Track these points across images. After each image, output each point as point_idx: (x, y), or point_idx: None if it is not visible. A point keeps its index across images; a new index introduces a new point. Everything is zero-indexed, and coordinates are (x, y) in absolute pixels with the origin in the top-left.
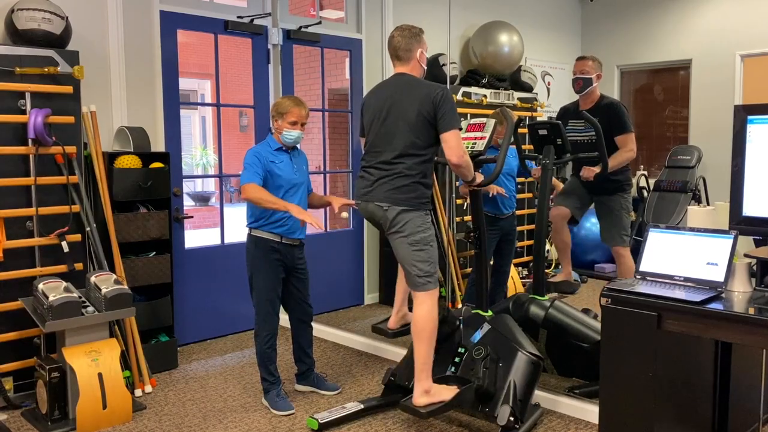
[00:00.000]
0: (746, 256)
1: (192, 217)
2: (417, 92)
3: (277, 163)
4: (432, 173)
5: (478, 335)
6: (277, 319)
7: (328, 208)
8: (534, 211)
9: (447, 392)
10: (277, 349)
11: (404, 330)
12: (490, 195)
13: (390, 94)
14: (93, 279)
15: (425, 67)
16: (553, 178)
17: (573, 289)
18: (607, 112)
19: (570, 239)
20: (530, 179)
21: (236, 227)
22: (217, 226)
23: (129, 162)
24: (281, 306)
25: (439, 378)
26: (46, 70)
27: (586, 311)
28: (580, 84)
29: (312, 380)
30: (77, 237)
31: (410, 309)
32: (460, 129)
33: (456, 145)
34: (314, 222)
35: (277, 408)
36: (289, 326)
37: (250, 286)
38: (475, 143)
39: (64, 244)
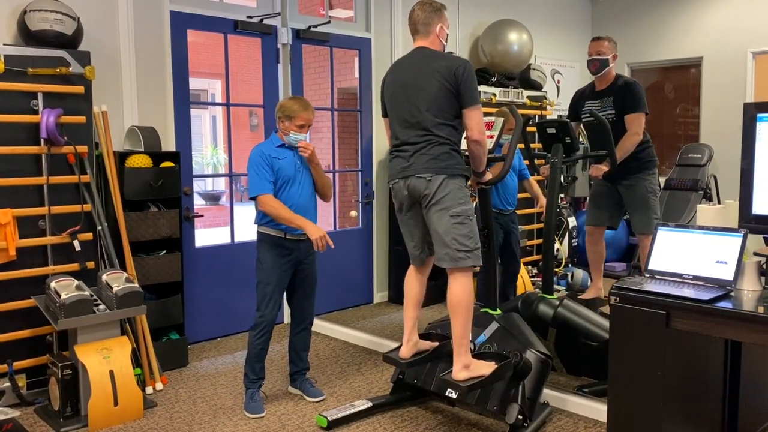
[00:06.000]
0: (756, 254)
1: (202, 216)
2: (439, 65)
3: (281, 159)
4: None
5: (482, 338)
6: (275, 315)
7: (337, 209)
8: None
9: (486, 368)
10: (267, 348)
11: (419, 359)
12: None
13: (411, 68)
14: (104, 277)
15: (445, 43)
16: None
17: (603, 305)
18: (622, 91)
19: (604, 252)
20: (540, 177)
21: (246, 226)
22: (227, 225)
23: (140, 161)
24: (288, 303)
25: (476, 354)
26: (58, 70)
27: (595, 310)
28: (597, 65)
29: (299, 384)
30: (89, 236)
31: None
32: (481, 105)
33: (479, 121)
34: (329, 241)
35: (247, 409)
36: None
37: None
38: None
39: (76, 242)
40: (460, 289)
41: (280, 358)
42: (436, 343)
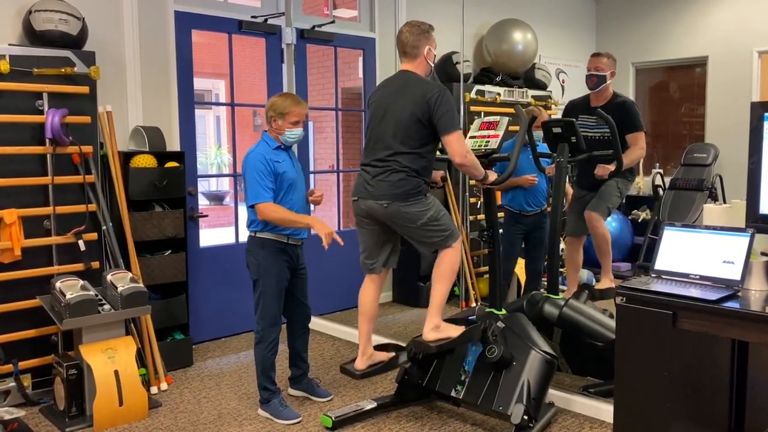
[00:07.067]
0: (763, 254)
1: (206, 215)
2: (413, 92)
3: (281, 162)
4: (429, 169)
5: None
6: (281, 323)
7: (341, 209)
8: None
9: (454, 330)
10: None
11: (372, 371)
12: (526, 186)
13: (389, 92)
14: (109, 277)
15: (432, 65)
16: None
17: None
18: (619, 110)
19: (581, 261)
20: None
21: None
22: (231, 225)
23: (144, 161)
24: None
25: (447, 319)
26: (63, 70)
27: (601, 310)
28: (594, 81)
29: (305, 385)
30: (94, 236)
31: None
32: (460, 129)
33: (458, 146)
34: (337, 238)
35: (283, 417)
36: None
37: (254, 290)
38: (488, 141)
39: (80, 242)
40: (447, 260)
41: (279, 361)
42: (392, 354)
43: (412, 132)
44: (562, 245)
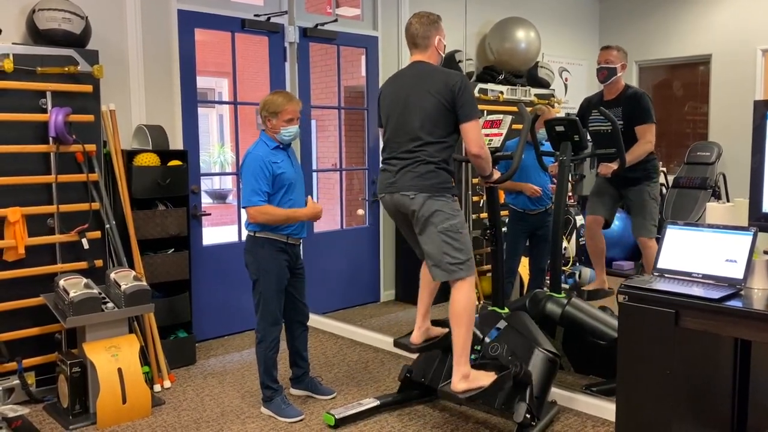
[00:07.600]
0: (766, 252)
1: (210, 214)
2: (434, 81)
3: (279, 162)
4: (452, 161)
5: (494, 333)
6: (282, 322)
7: (344, 208)
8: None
9: (486, 378)
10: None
11: (428, 345)
12: (528, 194)
13: (407, 83)
14: (112, 275)
15: (443, 55)
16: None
17: (608, 296)
18: (630, 102)
19: (605, 246)
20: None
21: None
22: (234, 224)
23: (148, 160)
24: None
25: (476, 365)
26: (67, 69)
27: (603, 309)
28: (605, 74)
29: (307, 384)
30: (97, 234)
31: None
32: (480, 118)
33: (476, 136)
34: (320, 206)
35: (286, 415)
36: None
37: (254, 290)
38: (491, 140)
39: (84, 241)
40: (462, 298)
41: (279, 360)
42: (447, 330)
43: (439, 121)
44: (564, 243)
